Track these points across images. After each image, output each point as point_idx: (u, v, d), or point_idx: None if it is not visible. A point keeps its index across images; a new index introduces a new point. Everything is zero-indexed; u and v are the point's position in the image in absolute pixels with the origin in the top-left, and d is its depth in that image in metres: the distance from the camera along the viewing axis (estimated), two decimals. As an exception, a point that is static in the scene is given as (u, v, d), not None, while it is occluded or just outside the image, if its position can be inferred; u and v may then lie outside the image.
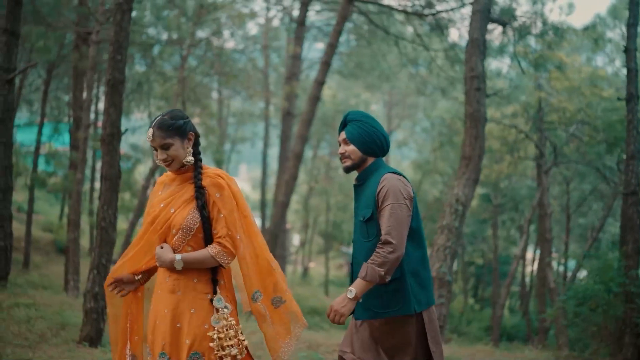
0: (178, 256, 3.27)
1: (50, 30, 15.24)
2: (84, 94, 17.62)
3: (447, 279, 8.26)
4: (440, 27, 14.30)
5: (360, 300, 3.61)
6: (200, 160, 3.43)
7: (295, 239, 40.62)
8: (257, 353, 7.34)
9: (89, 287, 7.16)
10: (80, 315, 8.65)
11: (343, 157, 3.74)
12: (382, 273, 3.42)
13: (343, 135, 3.74)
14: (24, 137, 28.11)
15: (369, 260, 3.47)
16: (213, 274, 3.34)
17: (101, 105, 20.17)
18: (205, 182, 3.34)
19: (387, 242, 3.44)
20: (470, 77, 8.81)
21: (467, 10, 14.74)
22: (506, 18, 9.96)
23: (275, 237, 14.28)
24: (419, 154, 28.13)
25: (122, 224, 32.14)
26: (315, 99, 13.55)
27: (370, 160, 3.71)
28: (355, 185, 3.77)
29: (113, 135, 7.17)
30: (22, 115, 25.10)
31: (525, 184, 22.24)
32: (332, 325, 17.25)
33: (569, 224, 19.29)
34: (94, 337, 7.05)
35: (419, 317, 3.60)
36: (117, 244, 27.85)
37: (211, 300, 3.28)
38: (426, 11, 14.83)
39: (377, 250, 3.46)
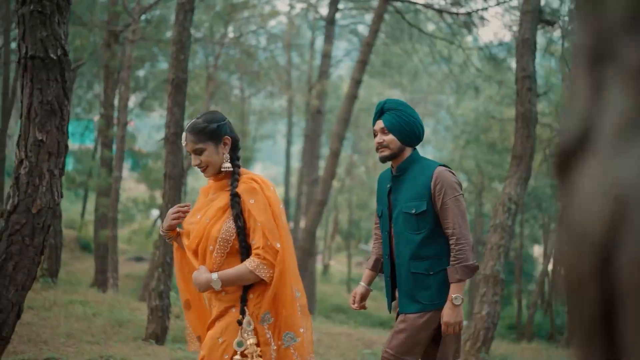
0: (214, 275, 3.00)
1: (85, 29, 15.35)
2: (118, 92, 17.74)
3: (500, 277, 8.29)
4: (473, 24, 14.33)
5: (408, 293, 3.61)
6: (238, 167, 3.17)
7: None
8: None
9: (154, 285, 7.22)
10: (133, 313, 8.76)
11: (381, 146, 3.67)
12: (474, 264, 3.50)
13: (381, 124, 3.68)
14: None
15: (452, 262, 3.50)
16: (244, 289, 3.04)
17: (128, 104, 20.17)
18: (239, 188, 3.07)
19: (461, 236, 3.50)
20: (522, 77, 8.80)
21: (499, 9, 14.78)
22: (555, 17, 9.98)
23: (313, 235, 14.37)
24: (439, 152, 28.15)
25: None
26: (352, 97, 13.59)
27: (408, 150, 3.68)
28: (393, 176, 3.72)
29: (177, 135, 7.22)
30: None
31: (547, 182, 22.21)
32: (359, 322, 17.32)
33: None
34: (159, 334, 7.12)
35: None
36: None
37: (239, 322, 3.00)
38: (454, 9, 14.87)
39: (455, 247, 3.50)
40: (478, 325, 8.21)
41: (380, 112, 3.72)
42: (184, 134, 3.14)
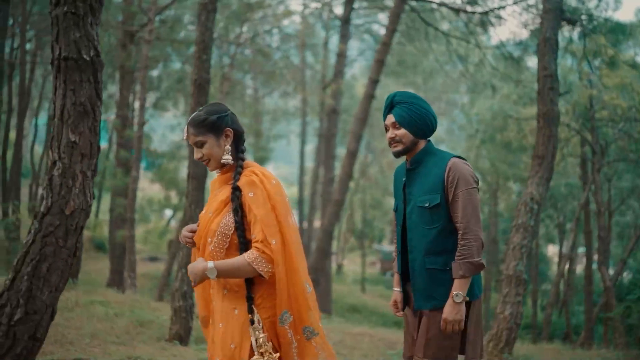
0: (210, 263, 2.90)
1: (100, 29, 15.38)
2: (132, 92, 17.78)
3: (523, 278, 8.24)
4: (490, 23, 14.27)
5: (422, 289, 3.50)
6: (242, 160, 3.08)
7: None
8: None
9: (177, 285, 7.22)
10: (154, 313, 8.77)
11: (393, 141, 3.56)
12: (479, 261, 3.36)
13: (392, 118, 3.56)
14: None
15: (458, 257, 3.37)
16: (248, 289, 2.95)
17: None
18: (240, 181, 2.98)
19: (469, 231, 3.36)
20: (544, 76, 8.74)
21: (516, 7, 14.72)
22: (576, 17, 9.92)
23: (330, 235, 14.34)
24: (453, 151, 28.09)
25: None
26: (370, 97, 13.57)
27: (422, 142, 3.57)
28: (407, 170, 3.60)
29: (200, 135, 7.20)
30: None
31: (562, 182, 22.13)
32: (373, 322, 17.31)
33: (611, 221, 19.15)
34: (183, 335, 7.11)
35: (471, 305, 3.49)
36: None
37: (252, 321, 2.91)
38: (470, 8, 14.82)
39: (461, 242, 3.37)
40: (501, 326, 8.15)
41: (390, 106, 3.62)
42: (185, 127, 3.08)
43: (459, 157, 3.54)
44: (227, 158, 3.03)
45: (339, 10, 24.85)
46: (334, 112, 17.82)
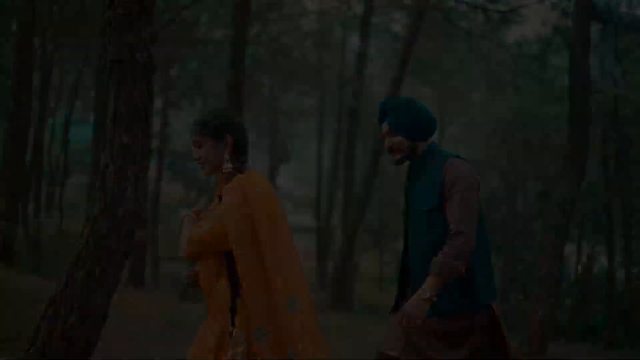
0: (186, 215, 3.09)
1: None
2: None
3: (556, 278, 8.21)
4: (513, 22, 14.22)
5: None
6: (238, 170, 2.95)
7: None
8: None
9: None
10: (184, 314, 8.78)
11: (391, 150, 3.41)
12: (456, 265, 3.11)
13: (386, 127, 3.41)
14: (77, 134, 28.52)
15: (440, 253, 3.14)
16: (232, 300, 2.85)
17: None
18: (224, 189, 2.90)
19: (459, 232, 3.13)
20: (576, 76, 8.71)
21: (539, 6, 14.63)
22: (607, 15, 9.84)
23: (354, 234, 14.30)
24: (470, 150, 27.94)
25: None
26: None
27: (423, 144, 3.40)
28: (408, 173, 3.46)
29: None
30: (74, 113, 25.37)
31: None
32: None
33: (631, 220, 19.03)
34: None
35: (487, 310, 3.29)
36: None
37: (230, 333, 2.81)
38: (492, 6, 14.75)
39: (448, 242, 3.14)
40: (534, 327, 8.12)
41: (383, 115, 3.48)
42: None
43: (458, 157, 3.39)
44: (227, 167, 2.93)
45: (358, 9, 24.78)
46: (355, 112, 17.74)
